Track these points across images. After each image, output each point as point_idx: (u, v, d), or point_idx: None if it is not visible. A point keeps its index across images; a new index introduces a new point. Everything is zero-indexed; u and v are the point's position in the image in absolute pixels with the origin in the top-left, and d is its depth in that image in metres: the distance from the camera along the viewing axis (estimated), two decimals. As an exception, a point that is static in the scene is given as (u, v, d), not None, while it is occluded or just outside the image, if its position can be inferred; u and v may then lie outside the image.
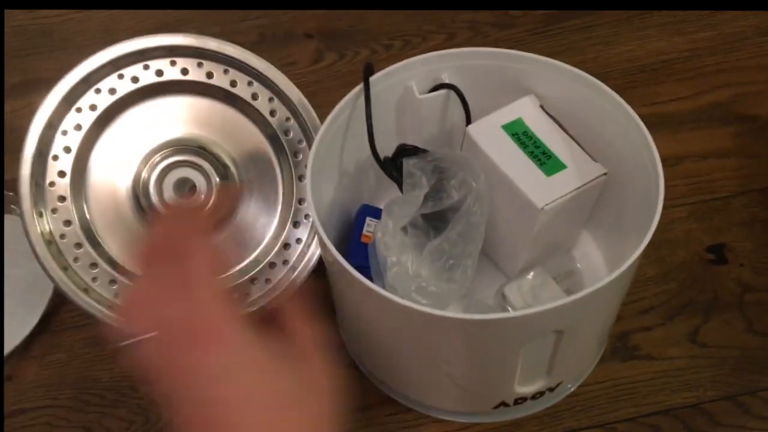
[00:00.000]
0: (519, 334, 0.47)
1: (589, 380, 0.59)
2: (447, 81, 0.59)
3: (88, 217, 0.60)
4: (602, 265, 0.62)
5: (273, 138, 0.62)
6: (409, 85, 0.59)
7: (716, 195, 0.70)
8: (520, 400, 0.55)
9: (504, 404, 0.55)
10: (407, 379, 0.57)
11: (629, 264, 0.45)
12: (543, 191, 0.53)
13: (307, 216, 0.62)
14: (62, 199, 0.59)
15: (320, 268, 0.59)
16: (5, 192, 0.71)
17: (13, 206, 0.69)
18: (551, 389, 0.55)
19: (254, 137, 0.62)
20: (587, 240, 0.64)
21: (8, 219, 0.69)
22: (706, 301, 0.63)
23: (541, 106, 0.57)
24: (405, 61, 0.57)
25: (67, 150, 0.59)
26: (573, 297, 0.44)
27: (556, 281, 0.59)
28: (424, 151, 0.57)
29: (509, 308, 0.59)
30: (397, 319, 0.48)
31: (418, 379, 0.56)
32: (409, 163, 0.55)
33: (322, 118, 0.55)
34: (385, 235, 0.53)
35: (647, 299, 0.63)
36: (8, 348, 0.62)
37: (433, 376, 0.54)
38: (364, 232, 0.60)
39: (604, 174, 0.54)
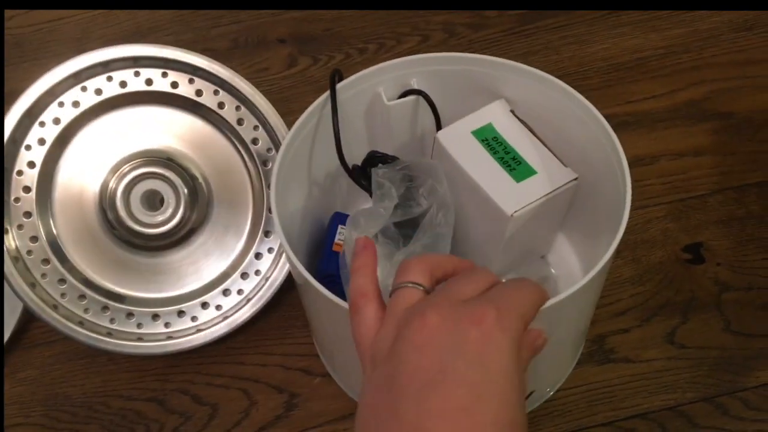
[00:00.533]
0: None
1: (566, 384, 0.58)
2: (416, 86, 0.58)
3: (55, 232, 0.59)
4: (578, 270, 0.61)
5: (241, 147, 0.61)
6: (377, 92, 0.58)
7: (693, 193, 0.69)
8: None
9: None
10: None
11: (596, 271, 0.45)
12: (513, 198, 0.52)
13: (278, 225, 0.61)
14: (28, 214, 0.58)
15: (292, 278, 0.59)
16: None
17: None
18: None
19: (222, 147, 0.61)
20: (563, 244, 0.63)
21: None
22: (683, 302, 0.62)
23: (512, 111, 0.57)
24: (373, 68, 0.57)
25: (31, 165, 0.58)
26: (552, 301, 0.43)
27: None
28: (394, 158, 0.56)
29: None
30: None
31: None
32: (378, 174, 0.54)
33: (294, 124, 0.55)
34: (349, 246, 0.52)
35: (623, 301, 0.63)
36: (-23, 367, 0.61)
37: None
38: (336, 240, 0.60)
39: (575, 179, 0.54)
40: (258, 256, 0.62)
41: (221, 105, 0.60)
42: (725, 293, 0.63)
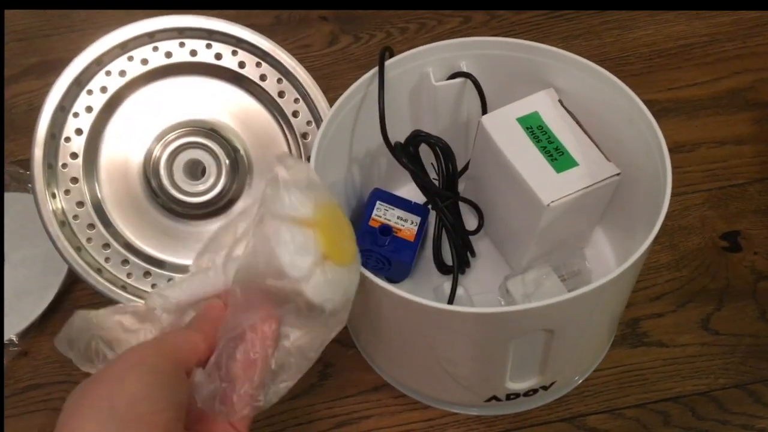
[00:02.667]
0: (505, 329, 0.46)
1: (598, 365, 0.59)
2: (465, 69, 0.58)
3: (100, 198, 0.61)
4: (613, 265, 0.61)
5: (281, 119, 0.62)
6: (425, 72, 0.58)
7: (732, 182, 0.69)
8: (512, 396, 0.54)
9: (496, 398, 0.54)
10: (402, 365, 0.57)
11: (626, 267, 0.44)
12: (551, 188, 0.52)
13: (316, 198, 0.62)
14: (75, 180, 0.60)
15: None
16: (22, 171, 0.72)
17: (30, 185, 0.70)
18: (545, 387, 0.55)
19: (263, 119, 0.62)
20: (600, 239, 0.63)
21: (25, 197, 0.70)
22: (718, 289, 0.62)
23: (560, 101, 0.56)
24: (423, 47, 0.57)
25: (79, 132, 0.60)
26: (560, 298, 0.43)
27: (562, 280, 0.58)
28: (438, 138, 0.56)
29: (512, 302, 0.58)
30: (391, 308, 0.48)
31: (412, 365, 0.56)
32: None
33: (335, 101, 0.55)
34: None
35: (659, 286, 0.63)
36: (24, 324, 0.63)
37: (426, 364, 0.54)
38: (373, 216, 0.60)
39: (617, 174, 0.53)
40: (296, 228, 0.62)
41: (263, 77, 0.61)
42: (761, 282, 0.62)
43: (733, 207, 0.67)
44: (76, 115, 0.59)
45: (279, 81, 0.61)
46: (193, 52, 0.60)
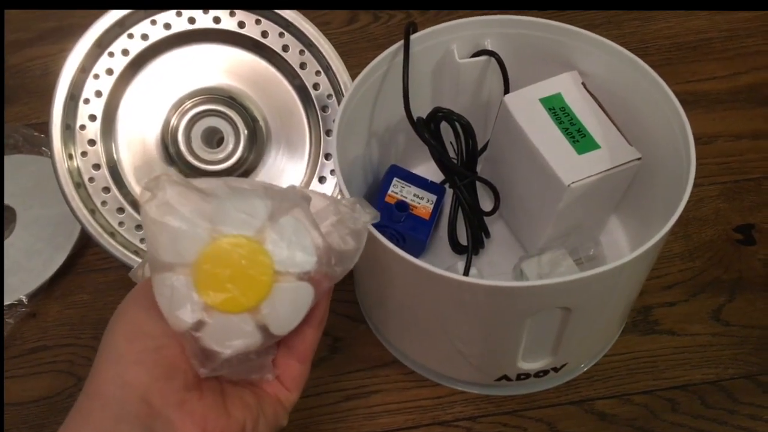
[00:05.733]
0: (524, 305, 0.46)
1: (609, 351, 0.59)
2: (489, 47, 0.58)
3: (117, 162, 0.61)
4: (627, 254, 0.60)
5: (302, 91, 0.61)
6: (450, 48, 0.58)
7: (748, 176, 0.69)
8: (523, 376, 0.54)
9: (506, 378, 0.54)
10: (413, 341, 0.57)
11: (646, 248, 0.44)
12: (572, 169, 0.52)
13: (332, 171, 0.62)
14: (92, 142, 0.60)
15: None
16: (37, 134, 0.72)
17: (44, 148, 0.70)
18: (556, 369, 0.55)
19: (283, 89, 0.61)
20: (615, 227, 0.63)
21: (39, 160, 0.70)
22: (731, 281, 0.62)
23: (583, 84, 0.56)
24: (449, 23, 0.56)
25: (99, 94, 0.59)
26: (581, 274, 0.43)
27: (578, 263, 0.58)
28: (460, 116, 0.56)
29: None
30: (408, 278, 0.48)
31: (424, 342, 0.56)
32: None
33: (354, 79, 0.54)
34: None
35: (672, 275, 0.63)
36: (33, 286, 0.63)
37: (439, 340, 0.53)
38: (389, 192, 0.60)
39: (638, 159, 0.53)
40: (311, 201, 0.62)
41: (285, 48, 0.61)
42: (774, 276, 0.62)
43: (748, 200, 0.67)
44: (96, 76, 0.59)
45: (301, 53, 0.61)
46: (216, 19, 0.60)
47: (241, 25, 0.60)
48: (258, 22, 0.60)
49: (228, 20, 0.60)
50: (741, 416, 0.55)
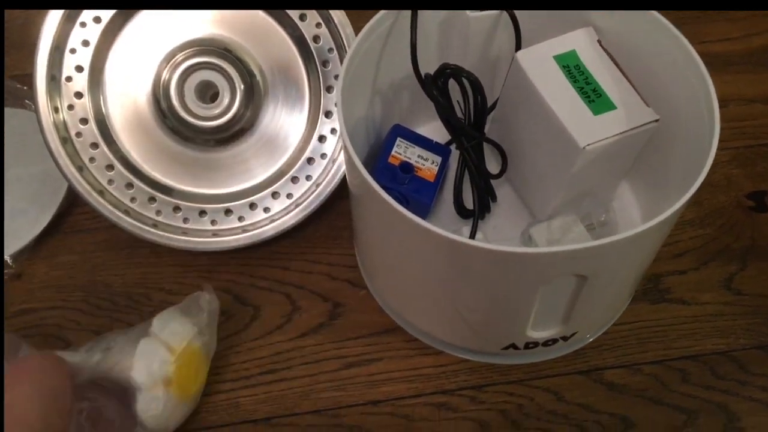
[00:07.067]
0: (538, 272, 0.44)
1: (618, 320, 0.57)
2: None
3: (105, 116, 0.57)
4: (638, 221, 0.59)
5: (301, 44, 0.58)
6: (460, 1, 0.55)
7: (761, 141, 0.66)
8: (531, 345, 0.52)
9: (514, 347, 0.53)
10: (417, 307, 0.55)
11: (664, 217, 0.42)
12: (587, 130, 0.49)
13: (333, 130, 0.59)
14: (79, 95, 0.56)
15: (344, 187, 0.57)
16: (20, 86, 0.68)
17: (27, 101, 0.66)
18: (565, 338, 0.53)
19: (282, 42, 0.58)
20: (626, 193, 0.60)
21: (22, 113, 0.66)
22: (743, 248, 0.60)
23: (599, 41, 0.53)
24: (457, -27, 0.54)
25: (86, 43, 0.56)
26: (599, 242, 0.41)
27: (589, 229, 0.56)
28: (469, 72, 0.53)
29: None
30: (416, 242, 0.46)
31: (428, 309, 0.54)
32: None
33: (356, 33, 0.52)
34: None
35: (682, 242, 0.61)
36: (18, 246, 0.60)
37: (444, 308, 0.51)
38: (393, 153, 0.58)
39: (656, 120, 0.50)
40: (310, 161, 0.59)
41: (286, -2, 0.57)
42: (787, 244, 0.61)
43: (761, 167, 0.65)
44: (83, 24, 0.56)
45: (302, 2, 0.57)
46: (212, -35, 0.56)
47: (238, -28, 0.57)
48: (256, -31, 0.57)
49: (224, -33, 0.56)
50: (753, 387, 0.54)
